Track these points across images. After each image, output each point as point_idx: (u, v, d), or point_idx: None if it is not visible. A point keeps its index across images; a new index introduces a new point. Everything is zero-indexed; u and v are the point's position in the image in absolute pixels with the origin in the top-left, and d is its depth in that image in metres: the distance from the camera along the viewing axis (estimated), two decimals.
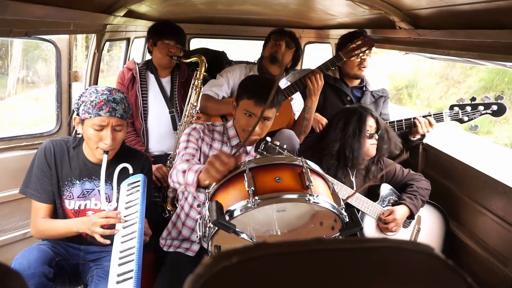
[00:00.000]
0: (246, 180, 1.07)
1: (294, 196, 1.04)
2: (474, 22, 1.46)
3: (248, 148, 1.71)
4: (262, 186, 1.06)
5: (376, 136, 1.94)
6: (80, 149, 1.59)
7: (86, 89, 1.51)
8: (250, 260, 0.39)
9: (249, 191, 1.03)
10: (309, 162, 1.19)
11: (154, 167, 2.17)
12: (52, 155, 1.55)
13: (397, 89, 10.46)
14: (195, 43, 3.93)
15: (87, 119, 1.47)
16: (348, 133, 1.90)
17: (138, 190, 1.49)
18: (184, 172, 1.36)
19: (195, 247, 1.66)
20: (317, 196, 1.05)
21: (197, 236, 1.19)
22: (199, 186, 1.31)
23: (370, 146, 1.94)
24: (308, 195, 1.04)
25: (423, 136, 2.28)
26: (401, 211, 1.89)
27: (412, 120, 2.22)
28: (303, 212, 1.15)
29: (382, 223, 1.90)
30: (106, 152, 1.49)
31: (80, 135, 1.58)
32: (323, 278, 0.40)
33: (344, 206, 1.15)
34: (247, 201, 1.03)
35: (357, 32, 2.34)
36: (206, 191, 1.21)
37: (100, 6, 1.79)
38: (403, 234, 1.99)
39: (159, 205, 2.18)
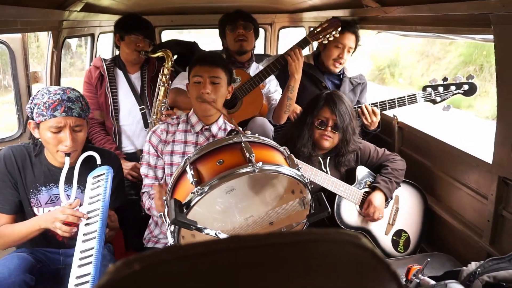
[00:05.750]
0: (188, 173, 1.09)
1: (239, 171, 1.04)
2: None
3: (214, 131, 1.67)
4: (205, 174, 1.07)
5: (329, 129, 1.84)
6: (42, 155, 1.52)
7: (38, 91, 1.43)
8: (155, 266, 0.36)
9: (193, 183, 1.06)
10: (249, 135, 1.20)
11: (128, 166, 2.12)
12: (14, 163, 1.47)
13: (379, 69, 10.49)
14: (168, 35, 3.83)
15: (42, 122, 1.39)
16: (301, 119, 1.88)
17: (102, 185, 1.40)
18: (149, 209, 1.66)
19: None
20: (260, 163, 1.05)
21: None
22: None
23: (320, 137, 1.85)
24: (249, 166, 1.04)
25: (379, 126, 2.24)
26: (377, 198, 1.87)
27: (357, 108, 2.17)
28: (256, 186, 1.14)
29: (366, 217, 1.89)
30: (67, 154, 1.42)
31: (39, 140, 1.51)
32: (238, 280, 0.37)
33: (299, 167, 1.16)
34: (192, 193, 1.04)
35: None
36: (164, 197, 1.22)
37: (52, 1, 1.70)
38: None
39: (136, 203, 2.14)
